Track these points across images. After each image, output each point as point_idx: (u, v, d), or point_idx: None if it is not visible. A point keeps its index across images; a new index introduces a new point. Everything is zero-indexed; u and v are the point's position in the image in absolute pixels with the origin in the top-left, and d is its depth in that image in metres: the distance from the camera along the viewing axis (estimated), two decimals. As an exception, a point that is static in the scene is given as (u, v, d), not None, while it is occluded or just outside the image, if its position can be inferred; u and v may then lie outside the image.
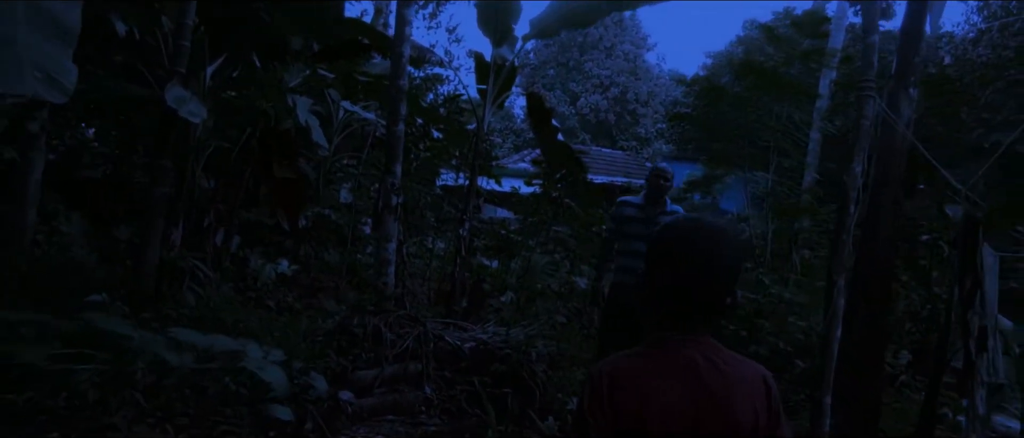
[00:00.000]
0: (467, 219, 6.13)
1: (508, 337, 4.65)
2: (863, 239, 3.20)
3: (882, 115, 2.92)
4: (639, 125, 29.24)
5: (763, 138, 6.94)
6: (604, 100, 28.82)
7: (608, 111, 28.82)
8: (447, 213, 9.36)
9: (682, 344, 1.14)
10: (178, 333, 2.41)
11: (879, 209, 3.15)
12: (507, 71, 6.61)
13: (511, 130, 29.47)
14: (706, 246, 1.13)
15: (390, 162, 4.74)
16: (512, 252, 8.01)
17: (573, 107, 28.66)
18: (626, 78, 29.22)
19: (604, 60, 29.49)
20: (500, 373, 4.33)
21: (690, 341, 1.14)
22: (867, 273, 3.20)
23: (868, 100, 2.40)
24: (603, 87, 29.00)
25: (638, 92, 29.26)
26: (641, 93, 29.30)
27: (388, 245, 4.64)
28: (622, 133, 29.14)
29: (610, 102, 28.92)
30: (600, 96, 28.83)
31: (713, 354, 1.14)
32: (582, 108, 28.64)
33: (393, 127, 4.78)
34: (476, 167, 6.52)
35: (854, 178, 2.32)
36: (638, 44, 30.87)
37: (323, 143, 5.42)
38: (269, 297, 6.86)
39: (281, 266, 7.44)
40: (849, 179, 2.30)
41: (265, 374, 2.27)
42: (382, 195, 4.68)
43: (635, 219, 4.14)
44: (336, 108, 9.28)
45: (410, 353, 4.29)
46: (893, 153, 3.14)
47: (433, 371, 4.28)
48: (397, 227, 4.69)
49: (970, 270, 2.46)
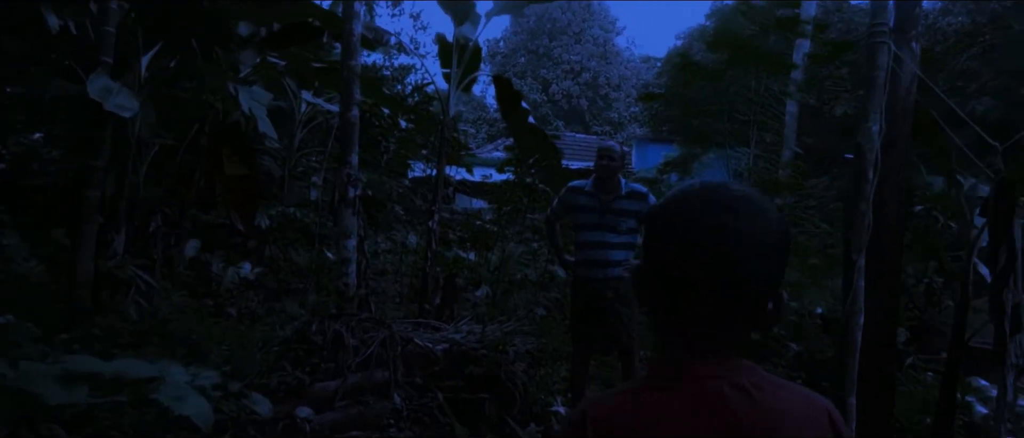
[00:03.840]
0: (436, 210, 5.74)
1: (484, 336, 4.29)
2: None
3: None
4: (611, 109, 29.06)
5: (742, 112, 6.65)
6: (576, 86, 28.57)
7: (580, 97, 28.58)
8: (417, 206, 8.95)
9: (705, 372, 0.77)
10: (76, 361, 2.01)
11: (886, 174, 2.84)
12: (471, 51, 6.22)
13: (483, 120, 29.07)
14: (740, 224, 0.75)
15: (345, 151, 4.33)
16: (488, 243, 7.65)
17: (545, 94, 28.35)
18: (597, 63, 29.02)
19: (573, 46, 29.24)
20: (476, 376, 3.97)
21: (717, 366, 0.78)
22: (876, 247, 2.90)
23: (881, 48, 2.07)
24: (574, 73, 28.76)
25: (609, 76, 29.10)
26: (612, 77, 29.15)
27: (347, 242, 4.24)
28: (595, 118, 28.95)
29: (582, 88, 28.69)
30: (571, 82, 28.57)
31: (751, 384, 0.77)
32: (554, 94, 28.34)
33: (347, 113, 4.37)
34: (444, 155, 6.13)
35: (871, 139, 2.00)
36: (607, 29, 30.66)
37: (271, 134, 4.98)
38: (231, 303, 6.44)
39: (243, 269, 7.01)
40: (865, 140, 1.99)
41: (183, 406, 1.89)
42: (338, 187, 4.27)
43: (588, 209, 3.71)
44: (297, 101, 8.83)
45: (376, 359, 3.91)
46: (898, 112, 2.84)
47: (402, 378, 3.90)
48: (357, 222, 4.29)
49: (1005, 242, 2.16)
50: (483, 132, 27.09)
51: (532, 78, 28.79)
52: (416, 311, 5.56)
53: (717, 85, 6.57)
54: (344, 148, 4.44)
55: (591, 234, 3.68)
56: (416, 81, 15.79)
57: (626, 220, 3.65)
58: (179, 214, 6.08)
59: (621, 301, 3.64)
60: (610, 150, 3.71)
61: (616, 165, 3.66)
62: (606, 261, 3.63)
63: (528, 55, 29.59)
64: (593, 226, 3.66)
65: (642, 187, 3.84)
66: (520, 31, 30.27)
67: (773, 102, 6.74)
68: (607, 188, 3.67)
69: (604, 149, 3.73)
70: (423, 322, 4.77)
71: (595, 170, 3.70)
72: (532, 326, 5.13)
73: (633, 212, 3.67)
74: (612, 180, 3.66)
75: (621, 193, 3.66)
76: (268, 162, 9.12)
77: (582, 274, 3.73)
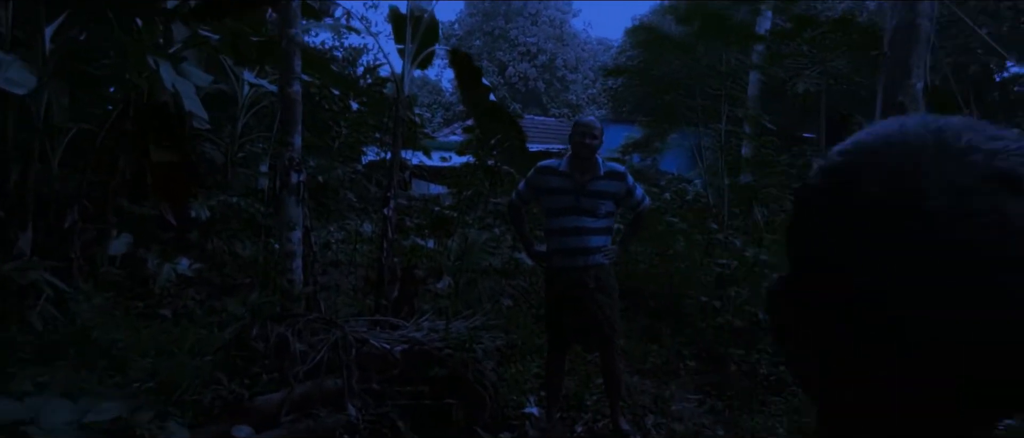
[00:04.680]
0: (392, 197, 5.27)
1: (448, 333, 3.88)
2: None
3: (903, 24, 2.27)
4: (569, 91, 28.86)
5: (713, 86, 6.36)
6: (532, 68, 28.21)
7: (537, 79, 28.26)
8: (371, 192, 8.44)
9: None
10: (-92, 403, 1.54)
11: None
12: (427, 24, 5.73)
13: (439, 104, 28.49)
14: None
15: (286, 132, 3.84)
16: (448, 230, 7.21)
17: (502, 76, 27.93)
18: (553, 45, 28.72)
19: (529, 27, 28.84)
20: (440, 379, 3.56)
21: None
22: None
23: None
24: (531, 55, 28.39)
25: (566, 59, 28.86)
26: (569, 59, 28.93)
27: (292, 234, 3.76)
28: (552, 100, 28.70)
29: (538, 70, 28.36)
30: (528, 64, 28.20)
31: None
32: (511, 77, 27.94)
33: (287, 88, 3.88)
34: (399, 136, 5.65)
35: (915, 97, 1.70)
36: (563, 10, 30.40)
37: (200, 113, 4.43)
38: (167, 304, 5.88)
39: (181, 266, 6.41)
40: (907, 98, 1.69)
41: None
42: (280, 173, 3.77)
43: (562, 191, 3.30)
44: (240, 83, 8.22)
45: (326, 365, 3.46)
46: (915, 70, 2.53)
47: (356, 385, 3.46)
48: (302, 211, 3.81)
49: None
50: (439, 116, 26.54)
51: (488, 60, 28.29)
52: (372, 306, 5.10)
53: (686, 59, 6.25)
54: (285, 128, 3.95)
55: (567, 219, 3.28)
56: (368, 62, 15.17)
57: (605, 203, 3.28)
58: (102, 207, 5.45)
59: (602, 290, 3.27)
60: (590, 126, 3.30)
61: (597, 143, 3.28)
62: (585, 248, 3.26)
63: (484, 37, 29.08)
64: (568, 210, 3.27)
65: (620, 166, 3.46)
66: (475, 13, 29.73)
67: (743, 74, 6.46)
68: (584, 168, 3.28)
69: (584, 125, 3.31)
70: (380, 319, 4.32)
71: (574, 148, 3.29)
72: (500, 319, 4.75)
73: (612, 194, 3.30)
74: (591, 160, 3.28)
75: (599, 173, 3.28)
76: (210, 148, 8.51)
77: (558, 264, 3.34)
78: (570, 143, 3.32)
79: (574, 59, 29.08)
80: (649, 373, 4.83)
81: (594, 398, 4.07)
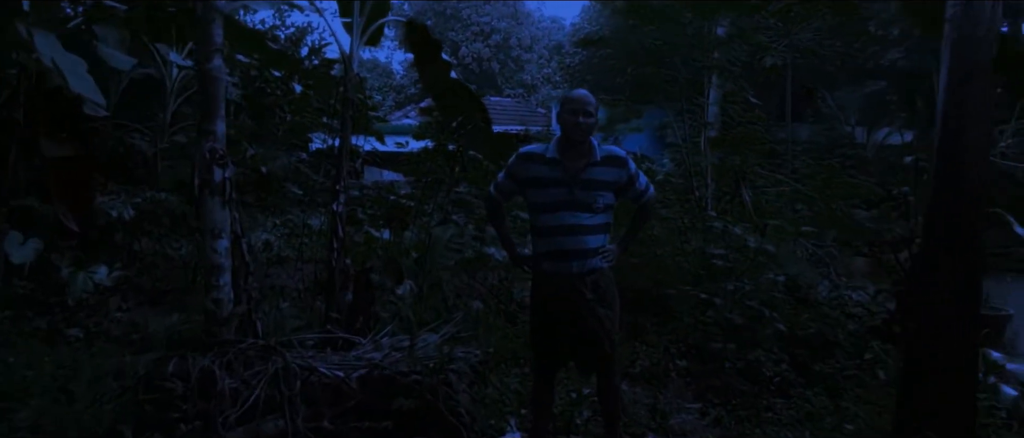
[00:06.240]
0: (341, 189, 4.58)
1: (413, 353, 3.26)
2: (941, 159, 2.11)
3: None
4: (524, 71, 28.28)
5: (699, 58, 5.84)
6: (486, 48, 27.51)
7: (491, 59, 27.60)
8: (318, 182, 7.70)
9: None
10: None
11: (963, 115, 2.04)
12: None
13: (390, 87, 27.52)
14: None
15: (206, 118, 3.11)
16: (405, 221, 6.55)
17: (455, 57, 27.12)
18: (507, 24, 28.07)
19: (482, 7, 28.11)
20: (407, 412, 2.95)
21: None
22: (952, 206, 2.18)
23: None
24: (484, 34, 27.68)
25: (520, 38, 28.24)
26: (524, 39, 28.33)
27: (217, 243, 3.06)
28: (507, 81, 28.12)
29: (492, 50, 27.69)
30: (482, 44, 27.49)
31: None
32: (464, 57, 27.18)
33: (205, 64, 3.15)
34: (348, 120, 4.93)
35: None
36: (516, -11, 29.66)
37: (97, 99, 3.63)
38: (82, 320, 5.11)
39: (98, 274, 5.59)
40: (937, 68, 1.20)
41: None
42: (199, 169, 3.05)
43: (552, 182, 2.67)
44: (168, 67, 7.38)
45: (265, 404, 2.81)
46: (975, 41, 2.03)
47: (303, 426, 2.82)
48: (229, 215, 3.11)
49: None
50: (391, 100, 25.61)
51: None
52: (321, 314, 4.42)
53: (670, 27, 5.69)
54: (205, 114, 3.22)
55: (558, 216, 2.66)
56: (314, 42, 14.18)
57: (603, 195, 2.68)
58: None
59: (601, 302, 2.69)
60: (585, 102, 2.64)
61: (593, 122, 2.66)
62: (581, 250, 2.65)
63: (435, 17, 28.14)
64: (561, 205, 2.65)
65: (619, 149, 2.84)
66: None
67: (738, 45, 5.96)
68: (578, 154, 2.68)
69: (577, 100, 2.65)
70: (330, 336, 3.67)
71: (565, 130, 2.65)
72: (471, 327, 4.15)
73: (611, 183, 2.71)
74: (586, 143, 2.67)
75: (595, 159, 2.67)
76: (137, 139, 7.65)
77: (549, 269, 2.73)
78: (560, 123, 2.69)
79: (528, 38, 28.50)
80: (639, 378, 4.33)
81: (585, 417, 3.53)
